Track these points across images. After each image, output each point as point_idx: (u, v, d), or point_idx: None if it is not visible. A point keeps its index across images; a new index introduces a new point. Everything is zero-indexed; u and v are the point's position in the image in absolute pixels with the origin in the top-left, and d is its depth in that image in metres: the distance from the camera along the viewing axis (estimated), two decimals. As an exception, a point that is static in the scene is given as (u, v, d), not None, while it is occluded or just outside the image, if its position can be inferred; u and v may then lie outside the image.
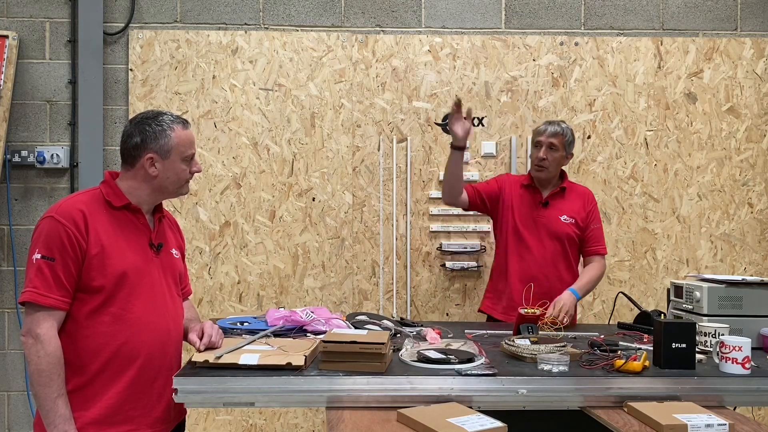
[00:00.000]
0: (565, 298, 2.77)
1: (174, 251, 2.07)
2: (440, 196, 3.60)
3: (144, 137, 1.91)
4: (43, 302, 1.76)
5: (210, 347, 1.97)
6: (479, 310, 3.15)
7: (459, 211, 3.56)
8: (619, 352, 2.11)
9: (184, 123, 1.98)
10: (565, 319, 2.68)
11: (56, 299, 1.77)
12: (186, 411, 2.07)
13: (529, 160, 3.61)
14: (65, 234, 1.78)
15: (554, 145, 2.94)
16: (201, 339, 1.97)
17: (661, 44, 3.68)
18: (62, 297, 1.78)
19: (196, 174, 2.04)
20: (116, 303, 1.84)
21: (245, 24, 3.66)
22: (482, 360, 2.01)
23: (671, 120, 3.68)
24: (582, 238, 2.99)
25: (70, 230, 1.79)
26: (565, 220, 2.96)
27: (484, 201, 3.05)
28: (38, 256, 1.78)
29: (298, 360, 1.86)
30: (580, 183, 3.64)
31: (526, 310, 2.39)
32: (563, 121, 3.06)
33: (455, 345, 2.21)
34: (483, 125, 3.63)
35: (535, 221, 2.96)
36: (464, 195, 3.02)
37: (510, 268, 2.97)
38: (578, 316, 3.61)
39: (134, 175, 1.94)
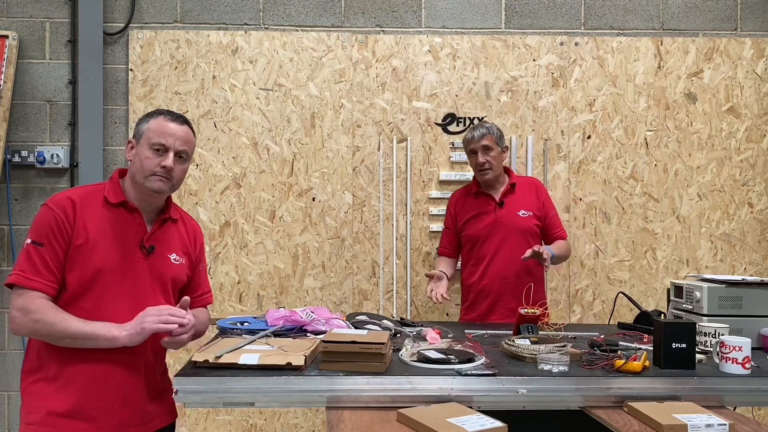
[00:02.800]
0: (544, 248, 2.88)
1: (174, 256, 1.98)
2: (440, 196, 3.62)
3: (135, 126, 1.97)
4: (28, 285, 1.77)
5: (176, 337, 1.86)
6: (459, 321, 3.16)
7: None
8: (619, 352, 2.11)
9: (175, 118, 1.94)
10: (546, 258, 2.80)
11: (42, 283, 1.78)
12: (176, 415, 2.05)
13: (530, 162, 3.62)
14: (53, 220, 1.80)
15: (487, 146, 3.01)
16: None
17: (661, 44, 3.68)
18: (49, 282, 1.79)
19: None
20: (89, 300, 1.82)
21: (245, 24, 3.66)
22: (482, 360, 2.01)
23: (671, 120, 3.68)
24: (542, 228, 3.08)
25: (58, 216, 1.81)
26: (523, 214, 3.03)
27: (457, 245, 3.19)
28: (29, 241, 1.81)
29: (298, 360, 1.86)
30: (580, 183, 3.65)
31: (526, 310, 2.39)
32: (486, 121, 3.17)
33: (455, 345, 2.21)
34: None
35: (496, 223, 3.02)
36: (455, 264, 3.22)
37: (482, 275, 3.02)
38: (578, 317, 3.62)
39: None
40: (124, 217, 1.91)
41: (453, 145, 3.62)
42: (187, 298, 1.93)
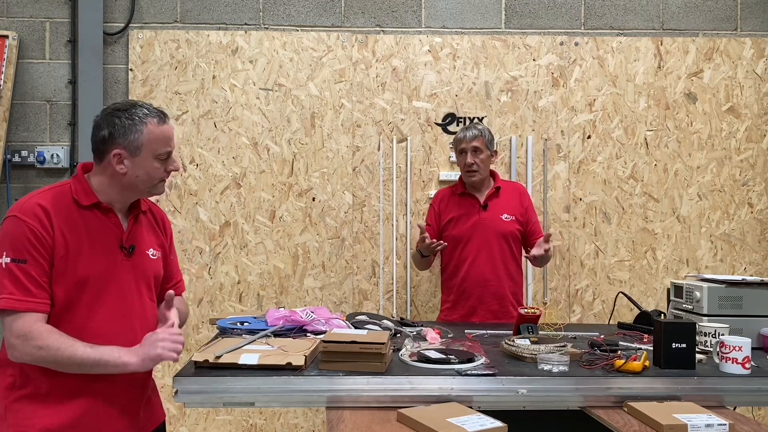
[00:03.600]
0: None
1: (151, 252, 1.90)
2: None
3: (112, 130, 1.76)
4: (22, 308, 1.64)
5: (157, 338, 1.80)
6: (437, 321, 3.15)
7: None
8: (619, 352, 2.11)
9: (161, 117, 1.80)
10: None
11: (35, 302, 1.65)
12: (164, 416, 2.02)
13: (530, 162, 3.62)
14: (30, 232, 1.66)
15: (477, 148, 3.01)
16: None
17: (661, 44, 3.68)
18: (42, 299, 1.67)
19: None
20: (78, 311, 1.72)
21: (245, 24, 3.66)
22: (482, 360, 2.01)
23: (671, 120, 3.68)
24: (524, 234, 3.09)
25: (34, 227, 1.67)
26: (506, 218, 3.04)
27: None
28: (7, 260, 1.65)
29: (298, 360, 1.86)
30: (580, 183, 3.65)
31: (526, 310, 2.39)
32: (479, 123, 3.15)
33: (455, 345, 2.21)
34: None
35: (478, 225, 3.03)
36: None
37: (464, 276, 3.02)
38: (578, 317, 3.63)
39: (103, 170, 1.80)
40: (99, 219, 1.79)
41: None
42: (171, 292, 1.84)
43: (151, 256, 1.90)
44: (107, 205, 1.81)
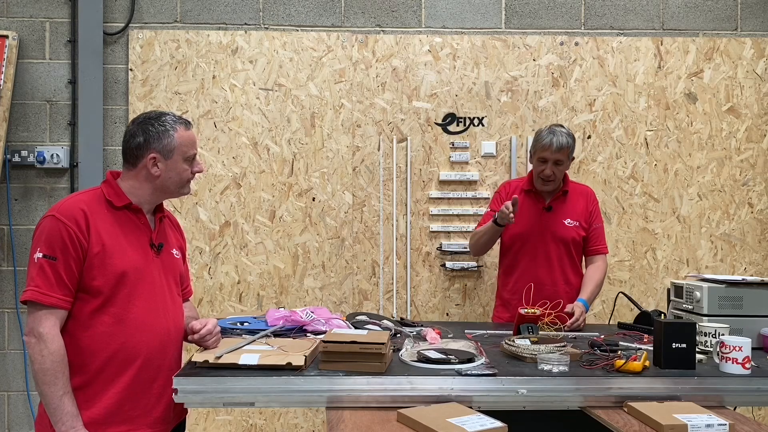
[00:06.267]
0: (581, 306, 2.74)
1: (175, 251, 2.06)
2: (440, 196, 3.62)
3: (147, 137, 1.92)
4: (45, 301, 1.77)
5: (203, 341, 2.00)
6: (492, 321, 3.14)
7: (459, 210, 3.60)
8: (619, 352, 2.11)
9: (187, 123, 1.99)
10: (581, 323, 2.69)
11: (58, 298, 1.78)
12: (187, 411, 2.07)
13: (528, 163, 3.62)
14: (66, 233, 1.79)
15: (560, 160, 2.87)
16: (200, 330, 2.00)
17: (661, 44, 3.68)
18: (64, 296, 1.79)
19: (197, 174, 2.05)
20: (117, 303, 1.84)
21: (245, 24, 3.66)
22: (482, 360, 2.01)
23: (671, 120, 3.68)
24: (585, 238, 2.99)
25: (71, 229, 1.79)
26: (569, 223, 2.95)
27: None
28: (40, 255, 1.78)
29: (298, 360, 1.86)
30: (581, 183, 3.64)
31: (526, 310, 2.39)
32: (562, 126, 2.94)
33: (455, 345, 2.21)
34: (483, 125, 3.64)
35: (539, 227, 2.94)
36: None
37: (518, 276, 2.96)
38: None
39: (136, 174, 1.94)
40: (130, 219, 1.93)
41: (453, 145, 3.62)
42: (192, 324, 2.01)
43: (175, 255, 2.06)
44: (137, 207, 1.95)
